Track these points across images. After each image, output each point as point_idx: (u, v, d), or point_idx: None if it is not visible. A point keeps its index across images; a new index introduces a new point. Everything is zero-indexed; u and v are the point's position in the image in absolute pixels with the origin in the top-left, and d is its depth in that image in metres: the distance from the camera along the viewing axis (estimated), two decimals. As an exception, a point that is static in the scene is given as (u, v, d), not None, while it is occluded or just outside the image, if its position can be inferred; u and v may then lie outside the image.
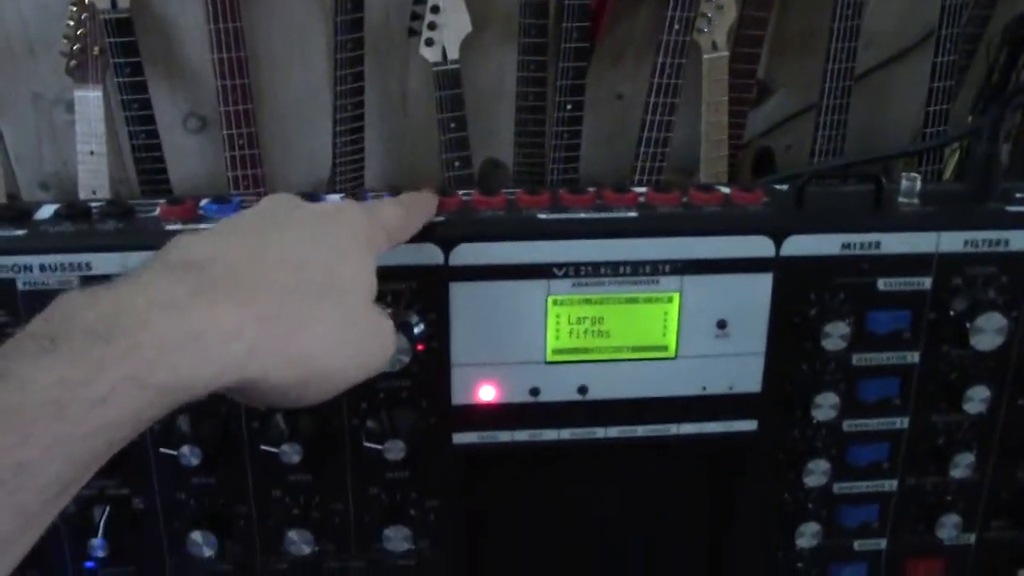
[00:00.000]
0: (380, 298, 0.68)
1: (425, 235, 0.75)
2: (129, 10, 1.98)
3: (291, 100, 2.21)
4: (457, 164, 2.06)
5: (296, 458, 0.77)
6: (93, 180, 2.05)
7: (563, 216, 0.78)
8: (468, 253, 0.75)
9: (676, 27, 1.98)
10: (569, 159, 2.10)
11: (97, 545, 0.80)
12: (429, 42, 2.06)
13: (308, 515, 0.81)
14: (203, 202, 0.80)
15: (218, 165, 2.08)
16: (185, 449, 0.76)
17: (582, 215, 0.78)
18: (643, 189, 0.82)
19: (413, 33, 2.08)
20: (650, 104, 2.05)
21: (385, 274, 0.72)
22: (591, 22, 2.08)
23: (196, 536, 0.80)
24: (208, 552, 0.80)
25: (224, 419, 0.78)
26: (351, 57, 2.03)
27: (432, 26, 2.05)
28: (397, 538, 0.81)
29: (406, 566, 0.84)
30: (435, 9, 2.03)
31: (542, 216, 0.78)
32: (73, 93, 2.06)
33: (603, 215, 0.78)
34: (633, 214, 0.78)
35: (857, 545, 0.88)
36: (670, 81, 2.03)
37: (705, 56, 2.10)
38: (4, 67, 2.12)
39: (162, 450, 0.77)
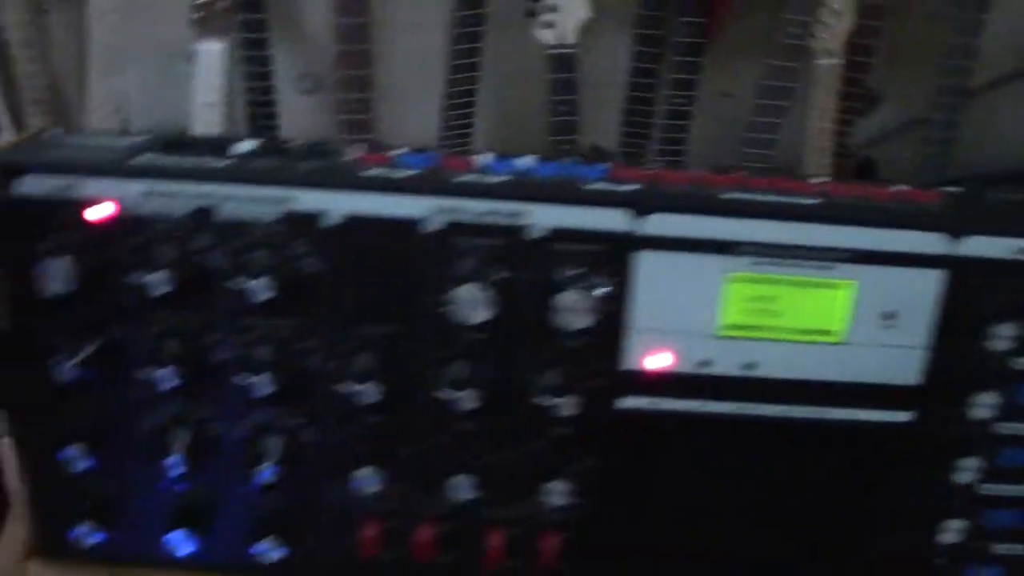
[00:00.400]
0: (567, 259, 0.70)
1: (618, 202, 0.77)
2: (260, -33, 2.00)
3: (404, 67, 2.23)
4: (564, 147, 2.08)
5: (470, 405, 0.79)
6: (206, 132, 2.08)
7: (748, 197, 0.80)
8: (658, 223, 0.78)
9: (792, 30, 1.99)
10: (674, 152, 2.11)
11: (263, 471, 0.82)
12: (547, 25, 2.08)
13: (473, 463, 0.83)
14: (400, 151, 0.82)
15: (328, 127, 2.10)
16: (361, 387, 0.78)
17: (766, 197, 0.80)
18: (822, 179, 0.83)
19: (531, 14, 2.10)
20: (759, 106, 2.06)
21: (577, 236, 0.74)
22: (708, 18, 2.09)
23: (363, 472, 0.82)
24: (371, 489, 0.83)
25: (405, 360, 0.80)
26: (470, 32, 2.05)
27: (552, 9, 2.07)
28: (556, 492, 0.83)
29: (560, 521, 0.86)
30: (556, -8, 2.05)
31: (728, 195, 0.80)
32: (194, 45, 2.09)
33: (786, 199, 0.80)
34: (815, 201, 0.80)
35: (998, 549, 0.89)
36: (781, 84, 2.03)
37: (818, 62, 2.11)
38: (129, 17, 2.15)
39: (336, 386, 0.80)
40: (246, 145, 0.82)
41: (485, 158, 0.83)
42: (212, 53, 2.06)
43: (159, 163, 0.79)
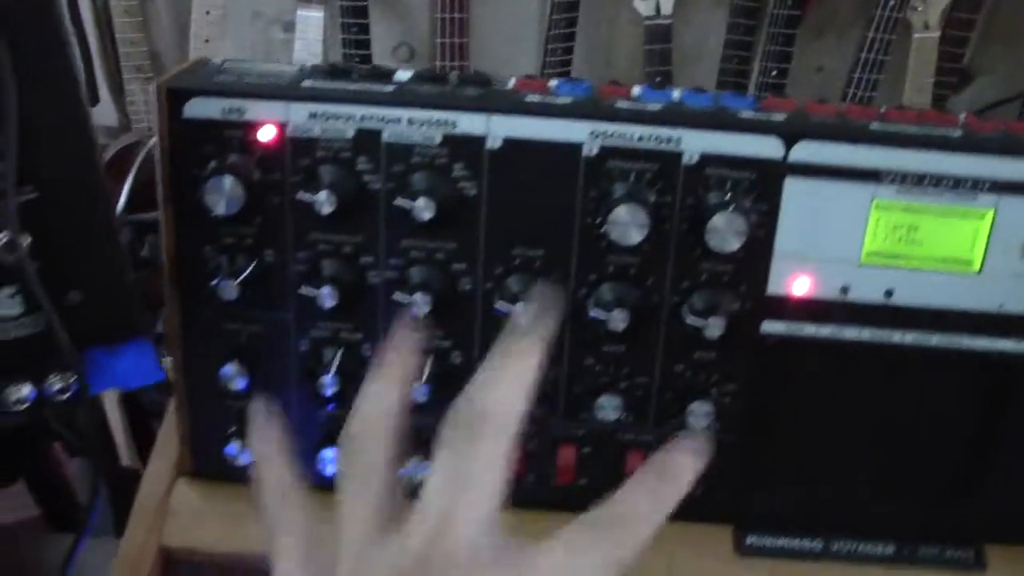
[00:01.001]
0: (719, 184, 0.75)
1: (769, 130, 0.79)
2: (362, -64, 2.04)
3: (500, 36, 2.26)
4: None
5: (620, 326, 0.82)
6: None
7: (894, 128, 0.82)
8: (807, 151, 0.80)
9: (891, 2, 2.00)
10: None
11: (327, 383, 0.86)
12: (645, -5, 2.10)
13: (617, 384, 0.86)
14: (554, 81, 0.85)
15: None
16: (514, 308, 0.82)
17: (911, 129, 0.82)
18: (963, 115, 0.85)
19: (628, -15, 2.13)
20: (854, 79, 2.07)
21: (728, 162, 0.76)
22: (804, -8, 2.11)
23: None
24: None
25: (557, 282, 0.83)
26: (567, 2, 2.08)
27: (650, -20, 2.09)
28: (699, 414, 0.85)
29: (699, 444, 0.88)
30: (654, -36, 2.07)
31: (874, 126, 0.82)
32: (293, 13, 2.13)
33: (930, 131, 0.82)
34: (958, 133, 0.82)
35: None
36: (877, 57, 2.05)
37: (915, 35, 2.12)
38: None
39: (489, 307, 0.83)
40: (405, 74, 0.85)
41: (639, 88, 0.85)
42: (312, 21, 2.10)
43: (325, 87, 0.81)
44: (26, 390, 0.74)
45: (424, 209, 0.79)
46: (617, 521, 0.53)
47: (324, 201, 0.79)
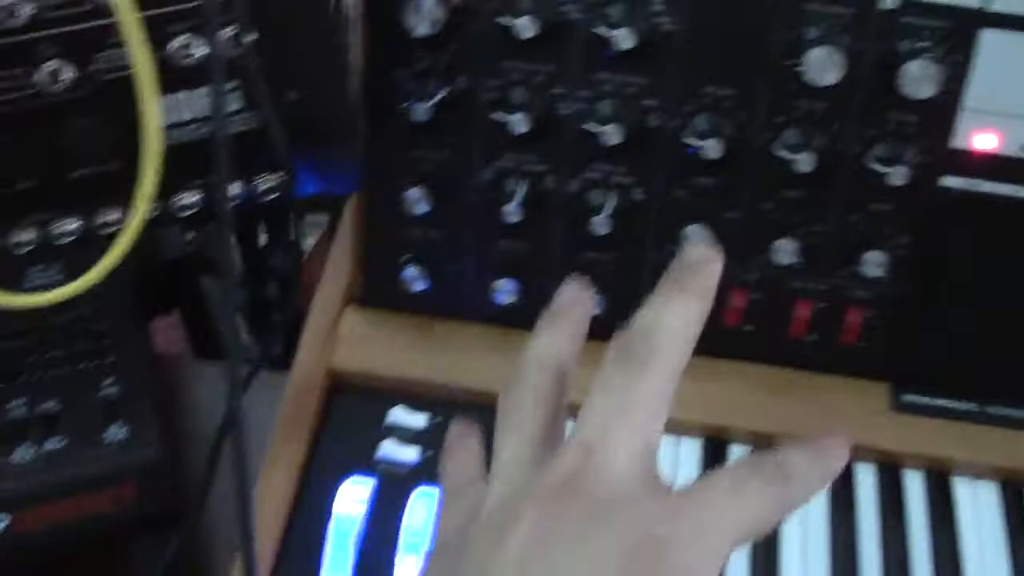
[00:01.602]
0: (914, 31, 0.76)
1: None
2: None
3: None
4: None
5: (805, 168, 0.83)
6: None
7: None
8: (1008, 2, 0.80)
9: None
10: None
11: (510, 211, 0.88)
12: None
13: (796, 228, 0.87)
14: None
15: None
16: (702, 143, 0.84)
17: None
18: None
19: None
20: None
21: (926, 9, 0.77)
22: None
23: (691, 229, 0.87)
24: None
25: (746, 121, 0.84)
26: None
27: None
28: (873, 263, 0.87)
29: (868, 298, 0.89)
30: None
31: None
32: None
33: None
34: None
35: None
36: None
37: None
38: None
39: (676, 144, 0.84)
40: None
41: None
42: None
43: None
44: (237, 188, 0.76)
45: (619, 41, 0.80)
46: (785, 477, 0.50)
47: (526, 26, 0.81)
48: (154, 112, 0.63)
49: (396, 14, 0.82)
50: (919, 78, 0.80)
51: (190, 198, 0.81)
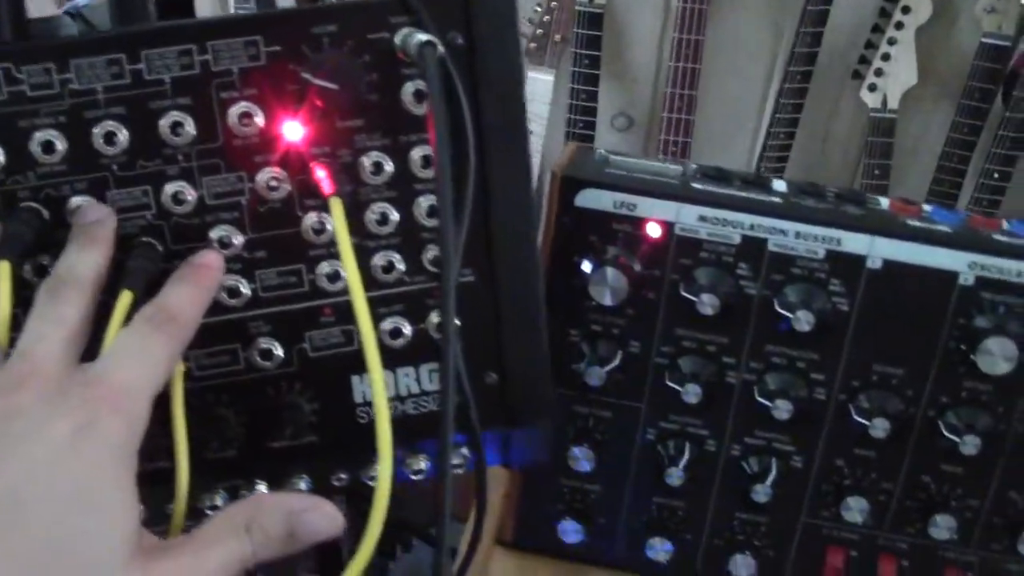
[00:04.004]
0: None
1: None
2: (603, 7, 2.09)
3: (720, 114, 2.29)
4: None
5: (971, 451, 0.84)
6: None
7: None
8: None
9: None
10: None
11: (675, 474, 0.89)
12: (872, 88, 2.12)
13: (956, 505, 0.88)
14: (928, 207, 0.87)
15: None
16: (868, 422, 0.86)
17: None
18: None
19: (857, 76, 2.15)
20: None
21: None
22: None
23: (851, 501, 0.87)
24: (854, 518, 0.88)
25: (913, 401, 0.86)
26: (797, 88, 2.11)
27: (879, 73, 2.11)
28: (941, 526, 0.89)
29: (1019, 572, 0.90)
30: (886, 57, 2.09)
31: None
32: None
33: None
34: None
35: None
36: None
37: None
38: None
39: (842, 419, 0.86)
40: (781, 183, 0.88)
41: (1010, 222, 0.87)
42: (539, 83, 2.14)
43: (715, 191, 0.85)
44: (422, 463, 0.77)
45: (803, 321, 0.82)
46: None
47: (707, 303, 0.82)
48: (386, 473, 0.63)
49: (575, 279, 0.84)
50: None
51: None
